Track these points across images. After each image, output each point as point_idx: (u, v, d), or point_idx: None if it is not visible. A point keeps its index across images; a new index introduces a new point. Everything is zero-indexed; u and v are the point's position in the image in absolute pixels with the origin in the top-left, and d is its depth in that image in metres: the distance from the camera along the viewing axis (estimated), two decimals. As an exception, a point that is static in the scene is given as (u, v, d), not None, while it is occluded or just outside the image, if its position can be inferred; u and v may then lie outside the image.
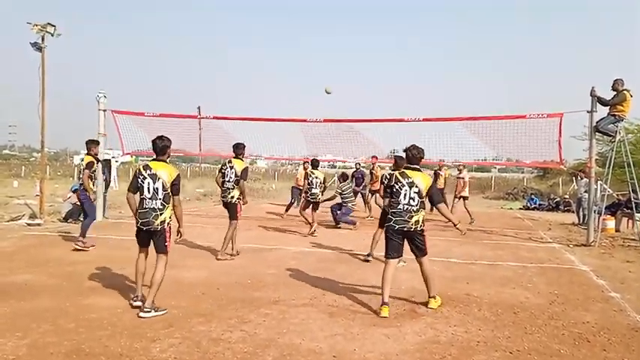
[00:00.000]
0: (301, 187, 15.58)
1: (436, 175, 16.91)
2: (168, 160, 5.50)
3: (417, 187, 5.43)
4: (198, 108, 35.54)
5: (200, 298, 5.76)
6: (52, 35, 12.67)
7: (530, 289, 6.67)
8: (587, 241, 10.57)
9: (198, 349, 4.24)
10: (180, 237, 5.51)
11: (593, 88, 10.49)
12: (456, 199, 15.04)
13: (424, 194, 5.45)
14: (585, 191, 14.06)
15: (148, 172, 5.29)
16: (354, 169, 16.21)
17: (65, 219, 12.29)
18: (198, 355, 4.09)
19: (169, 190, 5.27)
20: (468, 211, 14.63)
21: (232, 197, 8.13)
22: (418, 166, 5.62)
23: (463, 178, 14.89)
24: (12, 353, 4.05)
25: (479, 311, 5.58)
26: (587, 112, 10.66)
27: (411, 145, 5.65)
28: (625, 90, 10.34)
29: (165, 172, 5.29)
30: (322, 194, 11.21)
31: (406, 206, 5.42)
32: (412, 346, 4.48)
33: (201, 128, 16.04)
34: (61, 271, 7.00)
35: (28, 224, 11.59)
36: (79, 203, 12.48)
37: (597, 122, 10.59)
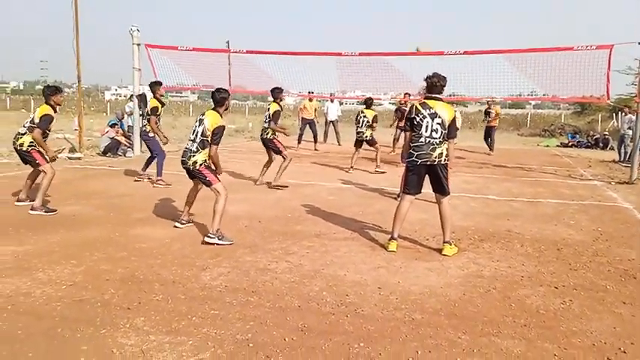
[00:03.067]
0: (306, 118, 16.29)
1: (487, 114, 16.47)
2: (223, 111, 5.62)
3: (439, 117, 5.09)
4: (227, 42, 34.80)
5: (244, 231, 5.88)
6: (83, -34, 12.44)
7: (573, 226, 6.58)
8: (630, 178, 10.29)
9: (247, 277, 4.36)
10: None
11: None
12: None
13: (447, 125, 5.14)
14: (629, 127, 13.60)
15: (200, 117, 5.59)
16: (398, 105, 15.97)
17: (104, 153, 12.55)
18: (248, 284, 4.21)
19: (208, 137, 5.42)
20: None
21: (267, 134, 8.79)
22: (440, 96, 5.25)
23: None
24: (69, 280, 4.23)
25: (521, 247, 5.56)
26: (639, 43, 10.08)
27: (432, 73, 5.25)
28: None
29: (209, 119, 5.46)
30: (371, 133, 10.87)
31: (428, 139, 5.10)
32: (456, 279, 4.50)
33: (230, 64, 15.81)
34: (107, 202, 7.21)
35: (69, 158, 11.87)
36: (117, 138, 12.78)
37: (649, 54, 10.04)
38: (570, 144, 21.16)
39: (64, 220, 6.15)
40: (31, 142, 6.60)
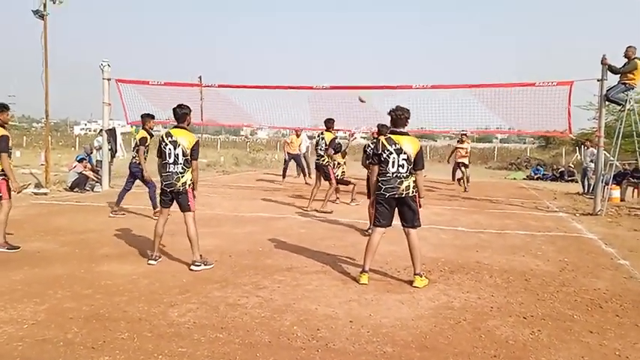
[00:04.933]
0: (291, 153, 16.25)
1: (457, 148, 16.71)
2: (188, 127, 5.86)
3: (405, 152, 5.18)
4: (200, 77, 34.87)
5: (214, 265, 5.80)
6: (54, 2, 12.45)
7: (540, 256, 6.70)
8: (594, 210, 10.57)
9: (216, 313, 4.28)
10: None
11: (604, 55, 10.32)
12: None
13: (413, 159, 5.21)
14: (591, 161, 14.06)
15: (170, 139, 5.70)
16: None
17: (71, 188, 12.31)
18: (217, 320, 4.14)
19: (189, 156, 5.67)
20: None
21: (324, 160, 9.90)
22: (404, 130, 5.35)
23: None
24: (31, 318, 4.09)
25: (490, 278, 5.62)
26: (597, 80, 10.51)
27: (396, 106, 5.34)
28: (637, 58, 10.18)
29: (184, 138, 5.68)
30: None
31: (395, 173, 5.20)
32: (426, 311, 4.52)
33: (203, 98, 15.83)
34: (72, 238, 7.04)
35: (35, 193, 11.60)
36: (85, 173, 12.58)
37: (607, 91, 10.46)
38: (537, 177, 21.74)
39: (27, 257, 5.97)
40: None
